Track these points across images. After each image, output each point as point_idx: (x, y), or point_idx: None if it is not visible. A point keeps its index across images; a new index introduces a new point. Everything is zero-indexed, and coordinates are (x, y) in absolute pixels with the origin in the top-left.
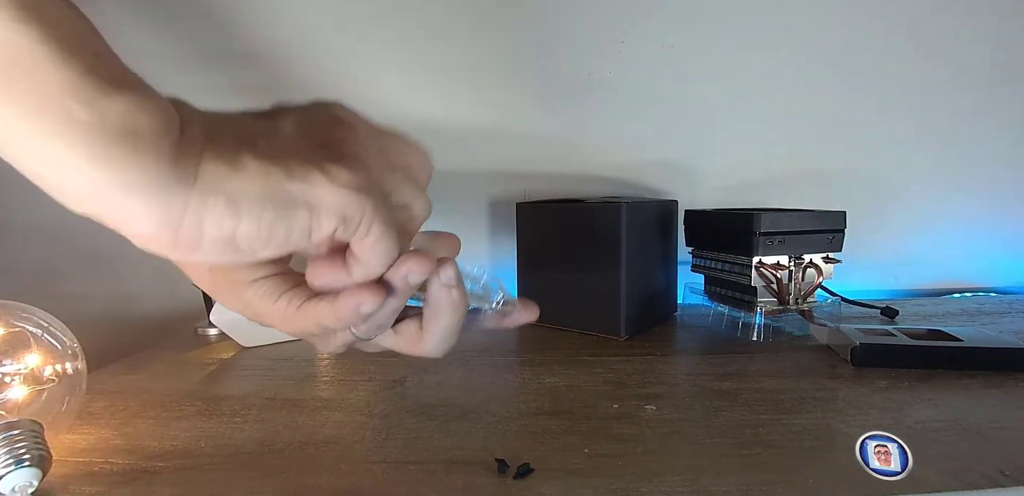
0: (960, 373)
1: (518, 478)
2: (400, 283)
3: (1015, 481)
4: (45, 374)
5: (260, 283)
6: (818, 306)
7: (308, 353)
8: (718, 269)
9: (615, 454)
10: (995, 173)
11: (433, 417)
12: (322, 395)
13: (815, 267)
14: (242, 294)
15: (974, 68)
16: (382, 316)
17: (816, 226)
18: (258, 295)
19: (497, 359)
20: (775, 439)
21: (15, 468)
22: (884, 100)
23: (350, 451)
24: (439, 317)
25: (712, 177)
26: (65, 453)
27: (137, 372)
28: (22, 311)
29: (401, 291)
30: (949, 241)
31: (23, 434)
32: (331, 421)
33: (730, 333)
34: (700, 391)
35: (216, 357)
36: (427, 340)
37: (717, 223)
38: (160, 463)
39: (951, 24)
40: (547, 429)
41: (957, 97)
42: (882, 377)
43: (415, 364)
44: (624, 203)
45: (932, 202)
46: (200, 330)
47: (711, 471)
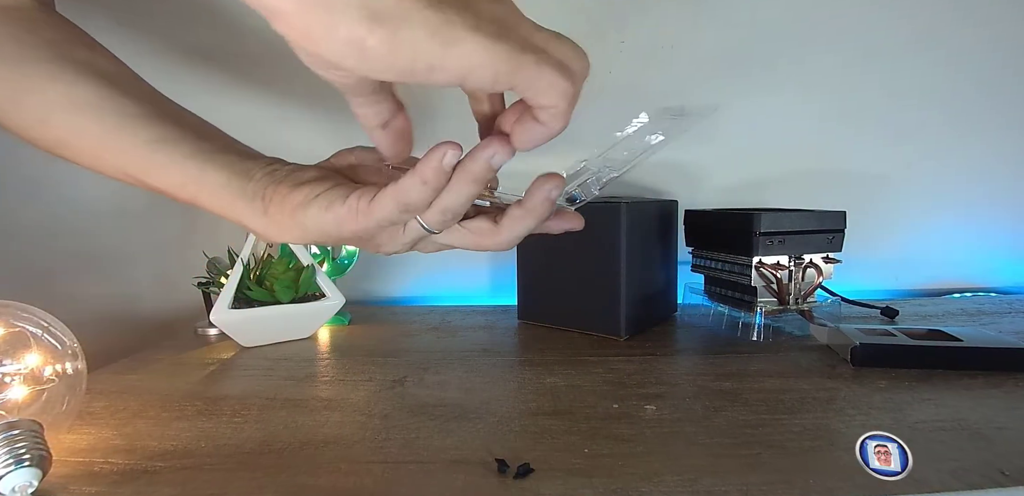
0: (960, 373)
1: (518, 478)
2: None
3: (1015, 481)
4: (45, 374)
5: (324, 195)
6: (818, 306)
7: (308, 353)
8: (718, 269)
9: (615, 454)
10: (995, 173)
11: (433, 417)
12: (322, 395)
13: (815, 267)
14: (304, 214)
15: (976, 68)
16: (459, 203)
17: (816, 226)
18: (322, 207)
19: (497, 359)
20: (775, 439)
21: (15, 468)
22: (884, 100)
23: (350, 451)
24: (527, 218)
25: (712, 177)
26: (65, 453)
27: (137, 372)
28: (22, 311)
29: (483, 177)
30: (949, 241)
31: (23, 434)
32: (331, 421)
33: (730, 333)
34: (700, 391)
35: (216, 357)
36: (505, 235)
37: (717, 223)
38: (160, 463)
39: (952, 24)
40: (547, 429)
41: (958, 97)
42: (882, 377)
43: (415, 364)
44: (624, 203)
45: (932, 202)
46: (200, 330)
47: (711, 471)
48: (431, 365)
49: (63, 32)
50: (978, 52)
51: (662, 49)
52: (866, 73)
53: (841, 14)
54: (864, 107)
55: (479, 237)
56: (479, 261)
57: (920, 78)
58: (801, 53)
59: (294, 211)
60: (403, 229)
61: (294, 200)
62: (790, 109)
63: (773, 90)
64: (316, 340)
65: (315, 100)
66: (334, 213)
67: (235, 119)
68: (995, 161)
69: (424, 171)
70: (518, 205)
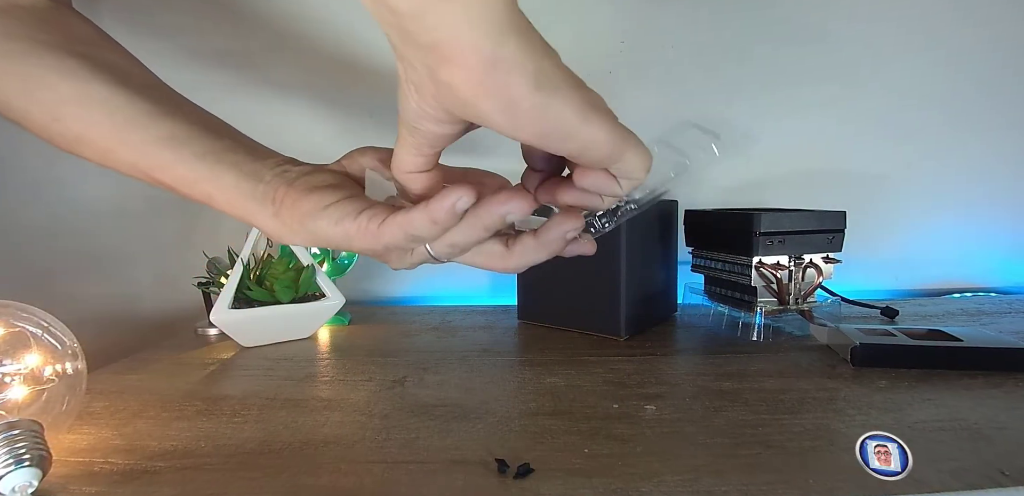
0: (960, 373)
1: (518, 478)
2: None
3: (1015, 481)
4: (45, 374)
5: (334, 207)
6: (818, 306)
7: (308, 353)
8: (718, 269)
9: (615, 454)
10: (995, 173)
11: (433, 417)
12: (322, 395)
13: (815, 267)
14: (314, 224)
15: (976, 68)
16: (467, 242)
17: (816, 226)
18: (333, 219)
19: (497, 359)
20: (775, 439)
21: (15, 468)
22: (884, 100)
23: (350, 451)
24: (540, 251)
25: (712, 177)
26: (65, 453)
27: (137, 372)
28: (22, 311)
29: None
30: (949, 241)
31: (23, 434)
32: (331, 421)
33: (730, 333)
34: (700, 391)
35: (216, 357)
36: (515, 262)
37: (717, 223)
38: (160, 463)
39: (954, 24)
40: (547, 429)
41: (958, 97)
42: (882, 377)
43: (415, 364)
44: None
45: (933, 202)
46: (200, 330)
47: (711, 471)
48: (431, 365)
49: (78, 30)
50: (978, 52)
51: (662, 49)
52: (866, 73)
53: (841, 14)
54: (864, 107)
55: (488, 259)
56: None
57: (920, 78)
58: (801, 53)
59: (303, 219)
60: (411, 253)
61: (304, 207)
62: (790, 109)
63: (773, 90)
64: (316, 340)
65: (315, 94)
66: (343, 229)
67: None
68: (995, 161)
69: (435, 211)
70: (533, 236)
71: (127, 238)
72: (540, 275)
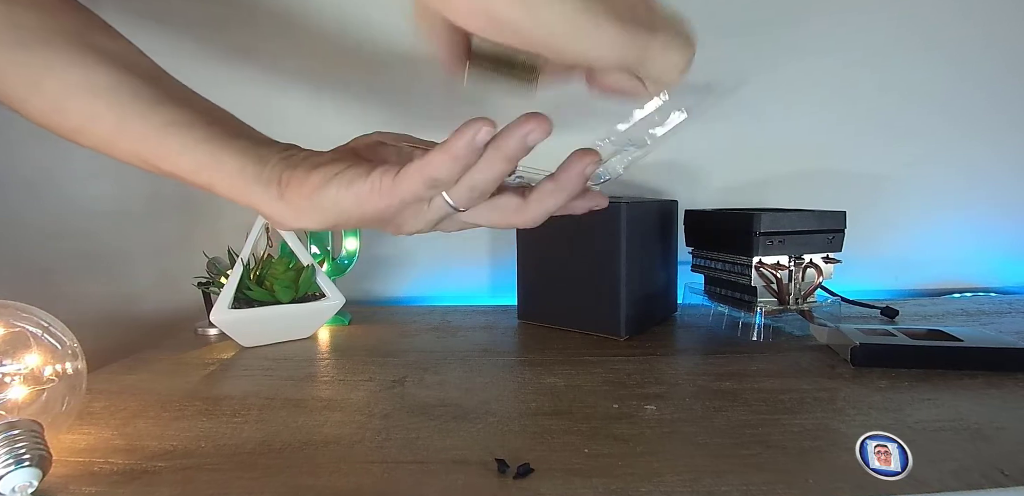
0: (960, 373)
1: (518, 478)
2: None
3: (1015, 481)
4: (45, 374)
5: (344, 173)
6: (818, 306)
7: (308, 353)
8: (718, 269)
9: (615, 454)
10: (996, 173)
11: (433, 417)
12: (322, 395)
13: (815, 267)
14: (322, 196)
15: (977, 68)
16: (488, 181)
17: (816, 226)
18: (343, 185)
19: (497, 359)
20: (775, 439)
21: (15, 468)
22: (884, 100)
23: (350, 451)
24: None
25: (712, 177)
26: (65, 453)
27: (137, 372)
28: (22, 311)
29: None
30: (949, 241)
31: (23, 434)
32: (331, 421)
33: (730, 333)
34: (700, 391)
35: (216, 357)
36: (533, 211)
37: (717, 223)
38: (160, 463)
39: (955, 24)
40: (547, 429)
41: (958, 97)
42: (882, 377)
43: (415, 364)
44: (624, 203)
45: (932, 202)
46: (200, 330)
47: (711, 471)
48: (431, 365)
49: (82, 18)
50: (978, 52)
51: None
52: (866, 73)
53: (841, 14)
54: (864, 107)
55: (506, 214)
56: (479, 261)
57: (920, 78)
58: (801, 53)
59: (312, 193)
60: (427, 206)
61: (312, 182)
62: (790, 109)
63: (773, 90)
64: (316, 340)
65: (314, 93)
66: (355, 191)
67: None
68: (995, 161)
69: (455, 146)
70: (550, 179)
71: (127, 238)
72: (540, 275)
